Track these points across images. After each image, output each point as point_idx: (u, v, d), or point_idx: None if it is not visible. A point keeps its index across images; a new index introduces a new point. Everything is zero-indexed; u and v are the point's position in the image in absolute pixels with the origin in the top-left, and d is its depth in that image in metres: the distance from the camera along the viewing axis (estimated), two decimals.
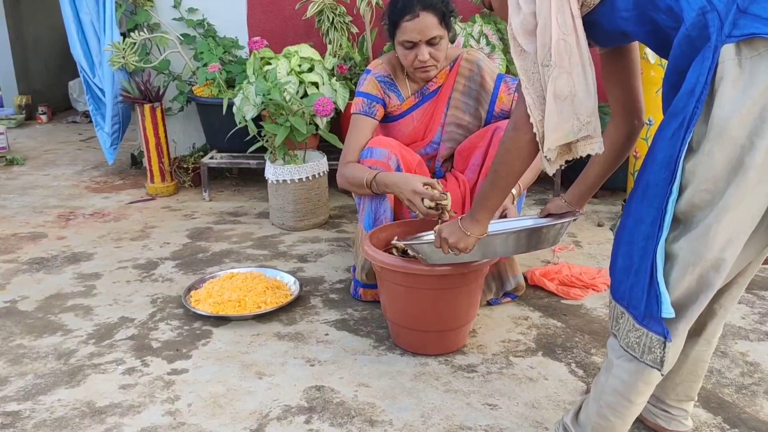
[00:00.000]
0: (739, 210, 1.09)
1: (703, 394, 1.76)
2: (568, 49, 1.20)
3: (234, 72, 3.54)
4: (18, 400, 1.78)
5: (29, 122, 5.75)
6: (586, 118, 1.22)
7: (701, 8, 1.09)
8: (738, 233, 1.12)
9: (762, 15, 1.03)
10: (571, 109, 1.21)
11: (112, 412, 1.73)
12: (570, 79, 1.20)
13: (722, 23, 1.06)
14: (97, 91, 3.77)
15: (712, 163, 1.08)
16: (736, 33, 1.05)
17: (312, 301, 2.34)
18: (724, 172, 1.07)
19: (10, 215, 3.32)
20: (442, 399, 1.76)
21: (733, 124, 1.04)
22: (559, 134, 1.23)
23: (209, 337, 2.10)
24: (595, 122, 1.24)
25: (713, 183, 1.08)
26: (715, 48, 1.06)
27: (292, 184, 2.97)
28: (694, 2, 1.10)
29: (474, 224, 1.54)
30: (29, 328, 2.18)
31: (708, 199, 1.10)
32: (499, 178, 1.41)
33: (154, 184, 3.60)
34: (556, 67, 1.20)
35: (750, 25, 1.04)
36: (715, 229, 1.10)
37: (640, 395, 1.31)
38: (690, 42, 1.11)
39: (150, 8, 3.69)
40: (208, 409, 1.73)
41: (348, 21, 3.44)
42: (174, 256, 2.78)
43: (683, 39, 1.12)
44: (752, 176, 1.05)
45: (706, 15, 1.08)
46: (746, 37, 1.03)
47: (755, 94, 1.03)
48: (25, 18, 5.90)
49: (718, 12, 1.07)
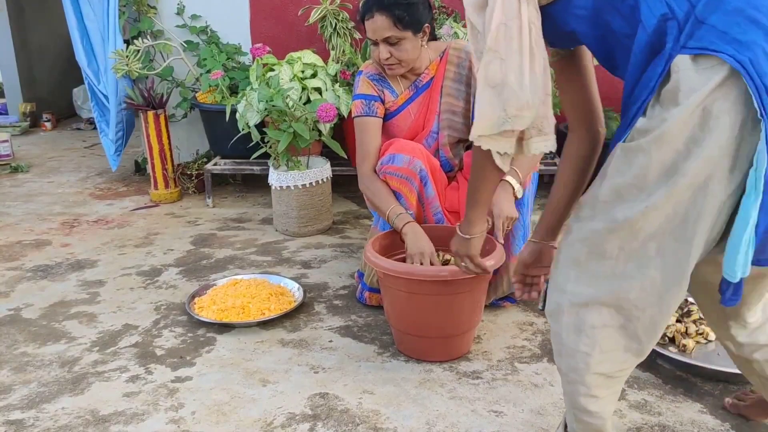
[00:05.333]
0: (667, 211, 1.09)
1: (711, 400, 1.75)
2: (507, 34, 1.14)
3: (237, 78, 3.54)
4: (22, 409, 1.78)
5: (34, 129, 5.77)
6: (515, 112, 1.14)
7: (663, 15, 1.08)
8: (665, 233, 1.12)
9: (718, 26, 1.04)
10: (498, 98, 1.15)
11: (115, 420, 1.72)
12: (503, 66, 1.13)
13: (680, 32, 1.06)
14: (102, 98, 3.78)
15: (648, 162, 1.09)
16: (691, 45, 1.05)
17: (316, 308, 2.33)
18: (656, 172, 1.09)
19: (15, 222, 3.32)
20: (447, 406, 1.75)
21: (675, 130, 1.06)
22: (484, 122, 1.17)
23: (213, 344, 2.10)
24: (529, 113, 1.16)
25: (643, 180, 1.10)
26: (669, 56, 1.07)
27: (295, 190, 2.97)
28: (655, 8, 1.09)
29: (470, 225, 1.50)
30: (33, 335, 2.18)
31: (635, 194, 1.11)
32: (478, 168, 1.33)
33: (157, 190, 3.61)
34: (490, 51, 1.15)
35: (705, 37, 1.04)
36: (642, 223, 1.11)
37: (596, 388, 1.29)
38: (651, 49, 1.11)
39: (153, 15, 3.70)
40: (212, 417, 1.73)
41: (351, 27, 3.45)
42: (178, 262, 2.77)
43: (646, 46, 1.11)
44: (684, 182, 1.07)
45: (667, 22, 1.08)
46: (700, 51, 1.04)
47: (696, 102, 1.04)
48: (29, 25, 5.93)
49: (678, 20, 1.07)
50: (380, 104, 2.28)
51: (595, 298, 1.21)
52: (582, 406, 1.31)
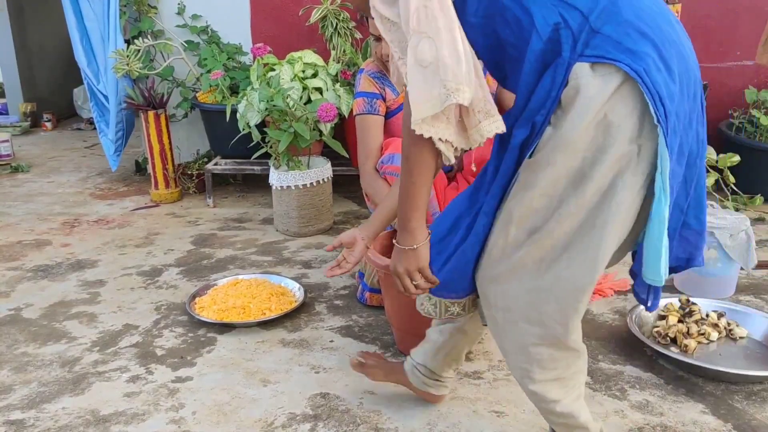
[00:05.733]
0: (580, 217, 1.15)
1: (713, 400, 1.74)
2: (429, 14, 1.11)
3: (238, 78, 3.54)
4: (22, 409, 1.77)
5: (34, 129, 5.77)
6: (455, 85, 1.10)
7: (556, 24, 1.11)
8: (577, 238, 1.17)
9: (612, 36, 1.08)
10: (434, 76, 1.10)
11: (116, 420, 1.72)
12: (432, 43, 1.10)
13: (575, 41, 1.10)
14: (102, 98, 3.78)
15: (554, 171, 1.13)
16: (588, 53, 1.09)
17: (317, 308, 2.33)
18: (565, 180, 1.13)
19: (15, 222, 3.32)
20: (448, 406, 1.75)
21: (579, 137, 1.10)
22: (423, 105, 1.11)
23: (213, 344, 2.09)
24: (468, 89, 1.11)
25: (553, 189, 1.14)
26: (568, 65, 1.10)
27: (296, 190, 2.96)
28: (549, 17, 1.12)
29: (412, 233, 1.31)
30: (33, 335, 2.17)
31: (546, 203, 1.16)
32: (414, 164, 1.23)
33: (158, 190, 3.60)
34: (415, 33, 1.11)
35: (601, 46, 1.09)
36: (558, 232, 1.16)
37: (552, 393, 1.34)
38: (543, 57, 1.13)
39: (154, 15, 3.70)
40: (212, 417, 1.72)
41: (351, 26, 3.44)
42: (178, 262, 2.77)
43: (540, 54, 1.13)
44: (592, 188, 1.12)
45: (560, 31, 1.11)
46: (597, 59, 1.09)
47: (597, 107, 1.08)
48: (29, 26, 5.93)
49: (571, 30, 1.10)
50: (382, 102, 2.28)
51: (523, 316, 1.26)
52: (550, 410, 1.35)
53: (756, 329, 2.05)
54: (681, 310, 2.11)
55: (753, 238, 2.28)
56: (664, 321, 2.07)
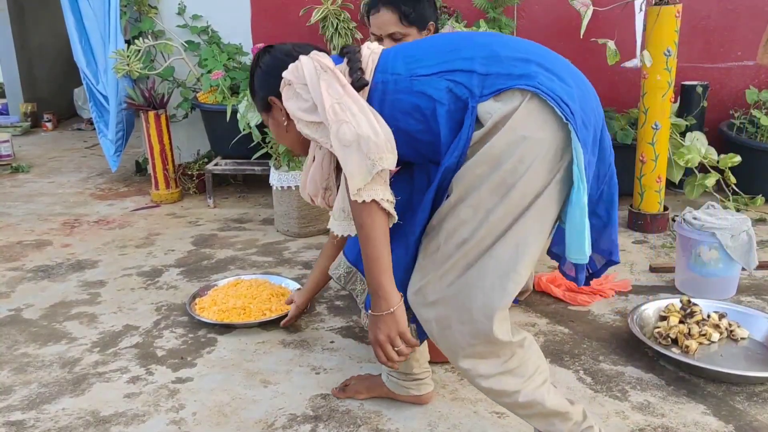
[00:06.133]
0: (507, 222, 1.27)
1: (714, 401, 1.74)
2: (343, 106, 1.29)
3: (238, 78, 3.54)
4: (22, 410, 1.77)
5: (35, 130, 5.77)
6: (378, 155, 1.25)
7: (447, 87, 1.30)
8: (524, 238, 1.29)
9: (501, 72, 1.28)
10: (359, 152, 1.26)
11: (116, 421, 1.71)
12: (351, 126, 1.27)
13: (471, 90, 1.28)
14: (101, 99, 3.78)
15: (479, 185, 1.27)
16: (486, 92, 1.28)
17: (317, 309, 2.33)
18: (490, 192, 1.26)
19: (15, 223, 3.32)
20: (449, 407, 1.74)
21: (497, 153, 1.25)
22: (356, 178, 1.26)
23: (214, 345, 2.09)
24: (390, 155, 1.28)
25: (479, 201, 1.27)
26: (472, 109, 1.28)
27: (296, 191, 2.96)
28: (439, 86, 1.30)
29: (386, 297, 1.33)
30: (34, 336, 2.17)
31: (472, 214, 1.28)
32: (370, 229, 1.30)
33: (158, 191, 3.60)
34: (333, 122, 1.28)
35: (495, 82, 1.28)
36: (487, 239, 1.28)
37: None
38: (452, 116, 1.30)
39: (154, 15, 3.70)
40: (213, 418, 1.72)
41: (352, 27, 3.44)
42: (179, 263, 2.77)
43: (447, 117, 1.30)
44: (516, 194, 1.25)
45: (454, 90, 1.30)
46: (497, 92, 1.27)
47: (508, 125, 1.24)
48: (29, 26, 5.93)
49: (463, 85, 1.29)
50: None
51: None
52: (515, 403, 1.38)
53: (757, 330, 2.05)
54: (682, 311, 2.10)
55: (754, 238, 2.27)
56: (665, 322, 2.07)
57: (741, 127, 3.41)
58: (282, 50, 1.50)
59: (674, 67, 2.86)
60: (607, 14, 3.05)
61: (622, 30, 3.07)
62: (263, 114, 1.60)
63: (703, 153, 3.16)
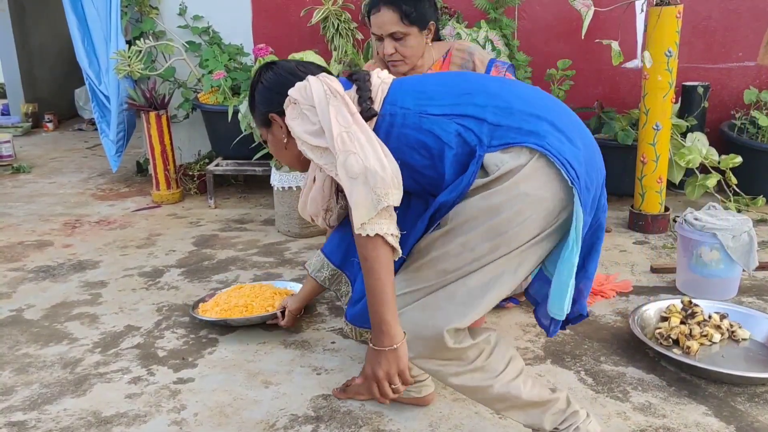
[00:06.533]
0: (487, 263, 1.32)
1: (715, 402, 1.74)
2: (351, 136, 1.28)
3: (239, 79, 3.54)
4: (24, 410, 1.77)
5: (35, 130, 5.78)
6: (383, 190, 1.25)
7: (456, 131, 1.31)
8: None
9: (512, 125, 1.30)
10: (365, 185, 1.25)
11: (118, 421, 1.71)
12: (358, 158, 1.26)
13: (481, 139, 1.30)
14: (103, 99, 3.78)
15: (474, 227, 1.30)
16: (495, 143, 1.29)
17: (318, 309, 2.33)
18: (483, 235, 1.30)
19: (17, 223, 3.32)
20: (450, 408, 1.74)
21: (497, 203, 1.29)
22: (360, 211, 1.25)
23: (215, 345, 2.09)
24: (396, 191, 1.27)
25: (470, 240, 1.31)
26: (479, 157, 1.30)
27: (297, 191, 2.96)
28: (448, 128, 1.31)
29: (389, 332, 1.29)
30: (35, 336, 2.17)
31: (460, 250, 1.32)
32: (374, 264, 1.28)
33: (159, 191, 3.60)
34: (341, 152, 1.27)
35: (506, 135, 1.29)
36: (467, 273, 1.33)
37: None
38: (458, 160, 1.32)
39: (155, 16, 3.70)
40: (214, 419, 1.72)
41: (353, 27, 3.45)
42: (180, 263, 2.77)
43: (452, 160, 1.32)
44: (505, 243, 1.30)
45: (463, 135, 1.31)
46: (506, 146, 1.29)
47: (512, 179, 1.27)
48: (30, 26, 5.94)
49: (473, 131, 1.30)
50: None
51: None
52: (489, 397, 1.43)
53: (759, 331, 2.05)
54: (683, 312, 2.10)
55: (755, 239, 2.27)
56: (667, 322, 2.07)
57: (742, 128, 3.41)
58: (285, 68, 1.49)
59: (675, 68, 2.86)
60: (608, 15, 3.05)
61: (623, 31, 3.07)
62: (262, 129, 1.57)
63: (704, 153, 3.16)
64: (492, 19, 3.38)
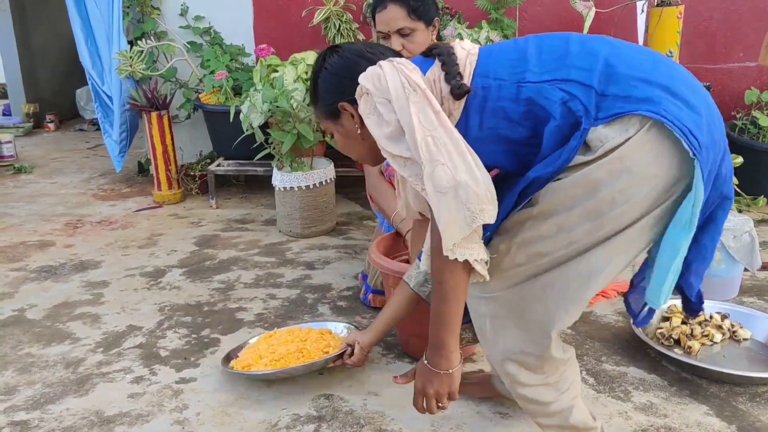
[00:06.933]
0: (587, 246, 1.20)
1: (717, 402, 1.74)
2: (438, 142, 1.14)
3: (241, 79, 3.54)
4: (27, 410, 1.78)
5: (37, 130, 5.78)
6: (478, 206, 1.13)
7: (561, 99, 1.16)
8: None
9: (620, 94, 1.14)
10: (456, 200, 1.13)
11: (120, 421, 1.72)
12: (447, 169, 1.13)
13: (587, 109, 1.15)
14: (106, 99, 3.79)
15: (571, 205, 1.18)
16: (602, 116, 1.14)
17: (320, 309, 2.33)
18: (581, 215, 1.17)
19: (18, 223, 3.33)
20: (452, 408, 1.74)
21: (598, 180, 1.15)
22: (451, 230, 1.14)
23: (217, 345, 2.10)
24: (491, 206, 1.16)
25: (566, 221, 1.19)
26: (584, 131, 1.15)
27: (299, 191, 2.97)
28: (552, 96, 1.17)
29: (449, 356, 1.30)
30: (37, 336, 2.18)
31: (554, 231, 1.21)
32: (451, 288, 1.22)
33: (161, 191, 3.61)
34: (428, 162, 1.14)
35: (613, 105, 1.14)
36: (563, 257, 1.22)
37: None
38: (560, 132, 1.18)
39: (157, 16, 3.71)
40: (216, 418, 1.72)
41: (354, 28, 3.45)
42: (181, 263, 2.77)
43: (555, 129, 1.18)
44: (608, 224, 1.17)
45: (569, 104, 1.16)
46: (613, 118, 1.14)
47: (618, 154, 1.14)
48: (32, 26, 5.93)
49: (579, 99, 1.16)
50: None
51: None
52: (542, 412, 1.37)
53: (760, 331, 2.05)
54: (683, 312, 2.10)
55: (757, 239, 2.27)
56: (668, 322, 2.07)
57: (743, 128, 3.41)
58: (352, 50, 1.35)
59: None
60: (609, 15, 3.05)
61: (624, 31, 3.08)
62: (327, 123, 1.40)
63: None
64: (493, 20, 3.39)
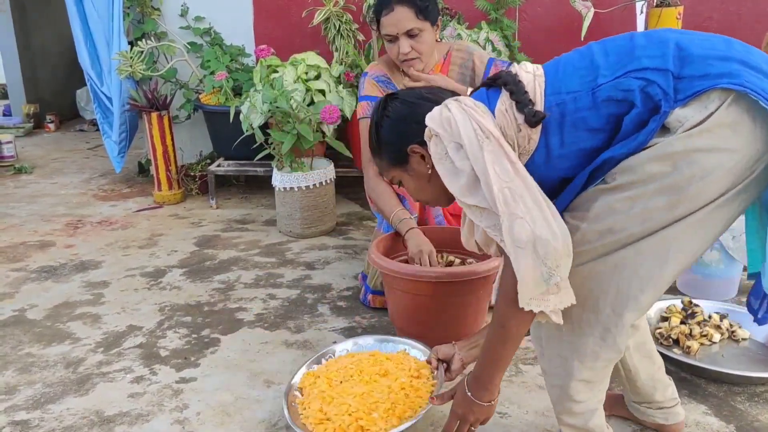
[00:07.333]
0: (662, 223, 1.16)
1: (716, 402, 1.75)
2: (515, 194, 1.13)
3: (241, 80, 3.55)
4: (27, 409, 1.78)
5: (37, 131, 5.78)
6: (554, 262, 1.12)
7: (640, 86, 1.14)
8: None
9: (696, 73, 1.12)
10: (534, 255, 1.12)
11: (120, 421, 1.72)
12: (525, 223, 1.12)
13: (666, 93, 1.12)
14: (105, 100, 3.79)
15: (646, 179, 1.14)
16: (681, 97, 1.12)
17: (320, 309, 2.33)
18: (656, 190, 1.14)
19: (19, 224, 3.33)
20: None
21: (678, 156, 1.11)
22: (529, 285, 1.13)
23: (217, 345, 2.10)
24: (568, 260, 1.14)
25: (641, 195, 1.14)
26: (664, 114, 1.12)
27: (299, 192, 2.97)
28: (630, 86, 1.14)
29: (492, 391, 1.37)
30: (38, 336, 2.18)
31: (628, 206, 1.16)
32: (514, 334, 1.24)
33: (161, 192, 3.61)
34: (506, 216, 1.13)
35: (690, 86, 1.12)
36: (636, 234, 1.17)
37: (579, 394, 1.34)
38: (639, 118, 1.15)
39: (157, 17, 3.71)
40: (216, 418, 1.73)
41: (354, 28, 3.45)
42: (181, 263, 2.78)
43: (635, 116, 1.15)
44: (685, 200, 1.13)
45: (648, 90, 1.13)
46: (690, 98, 1.11)
47: (699, 130, 1.10)
48: (32, 27, 5.94)
49: (657, 83, 1.13)
50: None
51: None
52: (568, 410, 1.37)
53: (758, 331, 2.05)
54: (683, 312, 2.11)
55: None
56: (667, 322, 2.07)
57: None
58: (412, 94, 1.35)
59: None
60: (609, 16, 3.06)
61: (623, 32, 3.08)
62: (396, 170, 1.37)
63: None
64: (493, 20, 3.39)
